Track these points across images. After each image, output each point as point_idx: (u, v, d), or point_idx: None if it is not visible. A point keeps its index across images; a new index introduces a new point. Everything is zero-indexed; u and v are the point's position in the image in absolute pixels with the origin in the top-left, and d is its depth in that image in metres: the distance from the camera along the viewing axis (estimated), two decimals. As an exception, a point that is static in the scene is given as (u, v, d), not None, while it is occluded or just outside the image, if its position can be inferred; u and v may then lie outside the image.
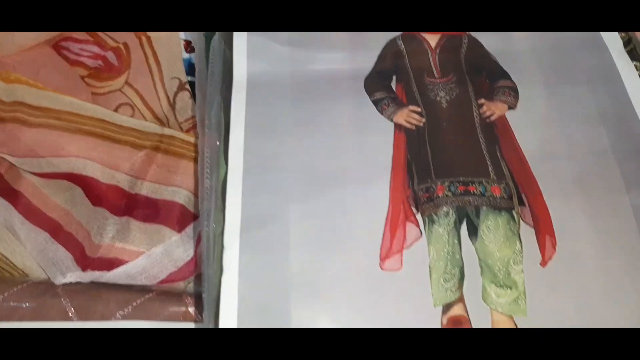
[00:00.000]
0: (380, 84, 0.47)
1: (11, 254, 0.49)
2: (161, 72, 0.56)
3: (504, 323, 0.38)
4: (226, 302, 0.38)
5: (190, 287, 0.49)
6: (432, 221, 0.41)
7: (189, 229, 0.50)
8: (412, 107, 0.46)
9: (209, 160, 0.44)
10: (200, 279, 0.47)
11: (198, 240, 0.48)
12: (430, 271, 0.40)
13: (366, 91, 0.47)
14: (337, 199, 0.42)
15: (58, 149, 0.49)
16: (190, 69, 0.57)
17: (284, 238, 0.40)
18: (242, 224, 0.40)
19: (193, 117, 0.56)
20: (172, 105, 0.56)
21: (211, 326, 0.38)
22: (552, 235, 0.41)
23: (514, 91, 0.47)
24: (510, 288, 0.39)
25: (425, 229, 0.41)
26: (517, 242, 0.41)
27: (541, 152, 0.44)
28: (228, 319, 0.37)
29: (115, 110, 0.54)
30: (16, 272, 0.49)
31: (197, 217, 0.50)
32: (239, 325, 0.37)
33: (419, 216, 0.42)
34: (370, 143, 0.44)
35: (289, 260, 0.39)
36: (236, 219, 0.40)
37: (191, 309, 0.46)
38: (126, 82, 0.56)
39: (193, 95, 0.55)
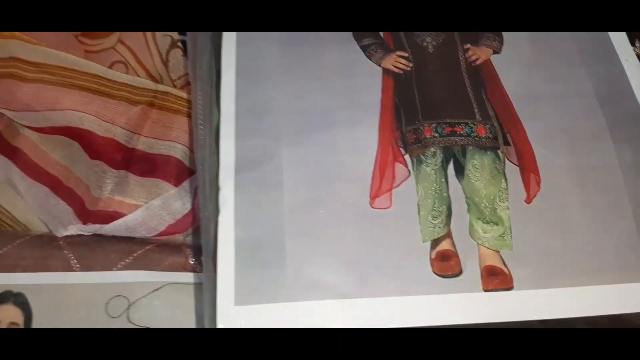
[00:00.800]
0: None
1: (13, 208, 0.50)
2: (153, 29, 0.57)
3: (491, 257, 0.40)
4: (223, 239, 0.39)
5: (189, 239, 0.50)
6: (420, 161, 0.42)
7: (186, 183, 0.51)
8: (399, 53, 0.47)
9: (202, 109, 0.45)
10: (198, 231, 0.48)
11: (195, 194, 0.50)
12: (418, 208, 0.41)
13: (354, 37, 0.48)
14: (327, 140, 0.43)
15: (54, 103, 0.50)
16: (182, 26, 0.57)
17: (277, 178, 0.41)
18: (236, 166, 0.41)
19: (186, 74, 0.56)
20: (165, 63, 0.57)
21: (210, 268, 0.40)
22: (537, 173, 0.42)
23: (498, 36, 0.48)
24: (497, 224, 0.41)
25: (413, 168, 0.42)
26: (503, 180, 0.42)
27: (525, 94, 0.45)
28: (226, 255, 0.38)
29: (109, 68, 0.55)
30: (18, 226, 0.50)
31: (193, 172, 0.51)
32: (236, 261, 0.38)
33: (407, 157, 0.43)
34: (358, 87, 0.45)
35: (282, 198, 0.41)
36: (230, 161, 0.42)
37: (190, 260, 0.47)
38: (119, 40, 0.56)
39: (185, 53, 0.56)
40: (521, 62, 0.47)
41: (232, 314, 0.37)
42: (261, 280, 0.38)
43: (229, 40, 0.47)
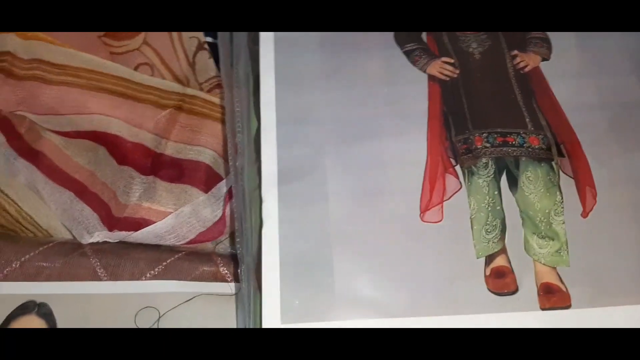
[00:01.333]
0: (411, 35, 0.46)
1: (36, 214, 0.48)
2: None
3: (547, 274, 0.38)
4: (268, 253, 0.37)
5: (220, 247, 0.48)
6: (471, 173, 0.41)
7: (216, 190, 0.49)
8: (445, 59, 0.45)
9: (240, 115, 0.43)
10: (231, 239, 0.46)
11: (226, 201, 0.48)
12: (471, 223, 0.39)
13: (397, 42, 0.46)
14: (373, 151, 0.41)
15: (81, 107, 0.49)
16: (208, 27, 0.55)
17: (322, 189, 0.39)
18: (279, 176, 0.40)
19: (214, 77, 0.54)
20: (192, 65, 0.55)
21: (252, 283, 0.38)
22: (592, 186, 0.40)
23: (546, 42, 0.46)
24: (552, 239, 0.39)
25: (464, 180, 0.40)
26: (558, 193, 0.40)
27: (577, 103, 0.43)
28: (271, 271, 0.37)
29: (134, 70, 0.53)
30: (40, 232, 0.48)
31: (222, 177, 0.49)
32: (281, 277, 0.36)
33: (457, 168, 0.41)
34: (403, 94, 0.43)
35: (328, 211, 0.39)
36: (273, 171, 0.40)
37: (222, 269, 0.45)
38: (144, 42, 0.54)
39: (212, 56, 0.54)
40: (571, 70, 0.45)
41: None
42: (308, 298, 0.36)
43: (267, 42, 0.45)
